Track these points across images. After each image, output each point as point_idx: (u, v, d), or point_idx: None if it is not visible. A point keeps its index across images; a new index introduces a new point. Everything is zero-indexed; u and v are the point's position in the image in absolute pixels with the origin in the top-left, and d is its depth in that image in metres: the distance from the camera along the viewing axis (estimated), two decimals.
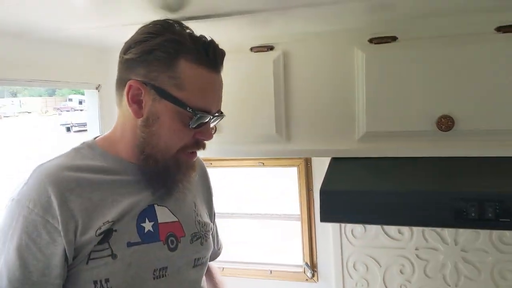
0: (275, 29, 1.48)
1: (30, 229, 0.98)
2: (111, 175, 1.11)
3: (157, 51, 1.05)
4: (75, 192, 1.02)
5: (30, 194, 1.00)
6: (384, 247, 1.93)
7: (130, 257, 1.05)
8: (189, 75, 1.06)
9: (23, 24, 1.25)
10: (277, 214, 2.30)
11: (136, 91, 1.07)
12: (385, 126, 1.46)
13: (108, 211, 1.06)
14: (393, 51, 1.44)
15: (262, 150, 1.61)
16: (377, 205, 1.32)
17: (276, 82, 1.55)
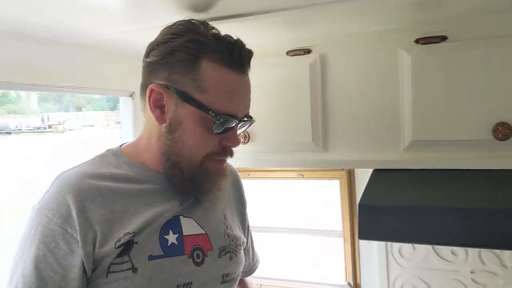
0: (313, 30, 1.38)
1: (48, 239, 0.94)
2: (135, 184, 1.05)
3: (178, 52, 0.99)
4: (96, 202, 0.98)
5: (50, 203, 0.97)
6: (436, 269, 1.76)
7: (151, 271, 0.99)
8: (211, 77, 0.99)
9: (57, 30, 1.23)
10: (317, 229, 2.18)
11: (158, 95, 1.02)
12: (433, 135, 1.33)
13: (130, 222, 1.00)
14: (442, 52, 1.31)
15: (297, 160, 1.51)
16: (423, 223, 1.18)
17: (313, 87, 1.45)
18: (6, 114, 34.76)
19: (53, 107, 39.84)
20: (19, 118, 34.53)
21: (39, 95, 41.69)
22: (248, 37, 1.36)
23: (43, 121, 34.11)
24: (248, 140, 1.51)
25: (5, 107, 35.05)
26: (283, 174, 1.97)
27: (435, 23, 1.29)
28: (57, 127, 32.44)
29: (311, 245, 6.76)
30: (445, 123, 1.31)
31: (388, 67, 1.37)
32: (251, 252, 1.40)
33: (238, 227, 1.28)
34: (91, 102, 46.18)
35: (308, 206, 9.35)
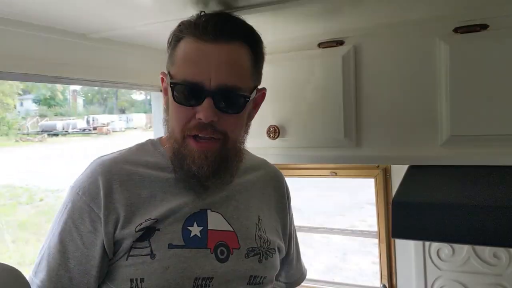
0: (346, 21, 1.34)
1: (76, 215, 1.01)
2: (167, 172, 1.08)
3: (171, 40, 1.06)
4: (124, 185, 1.03)
5: (82, 182, 1.04)
6: (477, 273, 1.67)
7: (169, 259, 0.99)
8: (182, 50, 1.03)
9: (88, 23, 1.25)
10: (350, 229, 2.12)
11: (162, 81, 1.10)
12: (472, 129, 1.25)
13: (154, 209, 1.03)
14: (483, 42, 1.23)
15: (329, 156, 1.45)
16: (461, 221, 1.10)
17: (346, 80, 1.39)
18: (53, 116, 36.05)
19: (98, 109, 41.07)
20: (65, 120, 35.74)
21: (84, 97, 43.02)
22: (279, 29, 1.33)
23: (88, 123, 35.19)
24: (278, 135, 1.47)
25: (52, 110, 36.37)
26: (316, 172, 1.92)
27: (475, 10, 1.22)
28: (102, 129, 33.38)
29: (346, 245, 6.68)
30: (486, 117, 1.23)
31: (424, 58, 1.30)
32: (295, 263, 1.36)
33: (277, 232, 1.23)
34: (134, 104, 47.34)
35: (346, 205, 9.25)
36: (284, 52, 1.47)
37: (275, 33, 1.43)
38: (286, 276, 1.33)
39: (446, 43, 1.26)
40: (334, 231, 2.30)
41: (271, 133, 1.47)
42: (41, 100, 35.55)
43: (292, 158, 1.52)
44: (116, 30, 1.31)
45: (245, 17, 1.07)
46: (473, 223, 1.09)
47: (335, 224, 7.95)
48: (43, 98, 35.37)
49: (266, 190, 1.23)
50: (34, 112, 34.92)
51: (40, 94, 34.45)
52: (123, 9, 1.14)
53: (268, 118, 1.48)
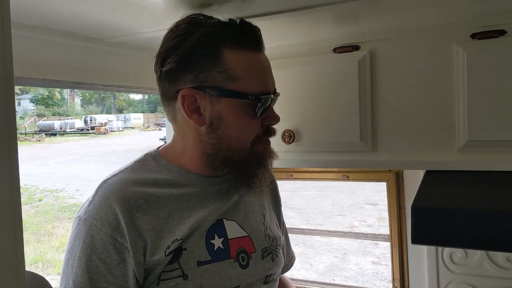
0: (362, 25, 1.34)
1: (99, 250, 0.93)
2: (177, 188, 1.04)
3: (196, 51, 0.97)
4: (142, 209, 0.97)
5: (97, 213, 0.96)
6: (490, 277, 1.67)
7: (201, 277, 0.98)
8: (238, 63, 0.98)
9: (101, 28, 1.23)
10: (363, 233, 2.11)
11: (191, 99, 1.00)
12: (490, 135, 1.25)
13: (176, 228, 0.99)
14: (500, 47, 1.23)
15: (345, 161, 1.45)
16: (482, 227, 1.11)
17: (362, 85, 1.39)
18: (51, 115, 36.02)
19: (96, 109, 41.09)
20: (63, 120, 35.70)
21: (82, 97, 43.02)
22: (294, 34, 1.33)
23: (86, 123, 35.17)
24: (293, 140, 1.47)
25: (50, 109, 36.35)
26: (328, 176, 1.92)
27: (493, 16, 1.22)
28: (100, 128, 33.38)
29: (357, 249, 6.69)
30: (503, 123, 1.23)
31: (441, 63, 1.30)
32: (286, 249, 1.38)
33: (277, 225, 1.27)
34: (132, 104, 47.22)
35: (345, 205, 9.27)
36: (300, 57, 1.46)
37: (290, 37, 1.43)
38: None
39: (464, 49, 1.26)
40: (349, 235, 2.30)
41: (286, 137, 1.47)
42: (38, 100, 35.44)
43: (307, 162, 1.52)
44: (131, 35, 1.31)
45: (260, 23, 1.06)
46: (494, 229, 1.09)
47: (334, 224, 7.98)
48: (40, 98, 35.29)
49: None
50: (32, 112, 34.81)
51: (37, 93, 34.36)
52: (138, 15, 1.13)
53: (283, 122, 1.46)
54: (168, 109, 1.08)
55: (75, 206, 10.52)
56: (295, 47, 1.47)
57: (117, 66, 1.41)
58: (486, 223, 1.09)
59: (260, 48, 1.04)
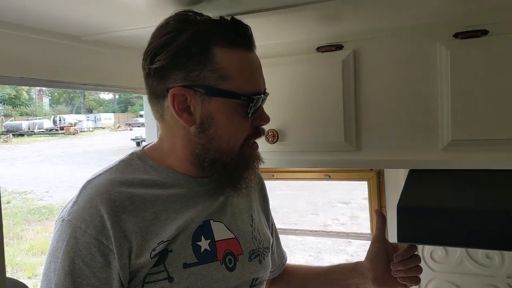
0: (345, 25, 1.33)
1: (84, 252, 0.90)
2: (165, 188, 1.01)
3: (188, 49, 0.95)
4: (128, 211, 0.94)
5: (81, 214, 0.93)
6: (470, 274, 1.69)
7: (187, 280, 0.95)
8: (230, 62, 0.96)
9: (77, 26, 1.19)
10: (344, 232, 2.12)
11: (181, 98, 0.97)
12: (474, 134, 1.26)
13: (162, 230, 0.96)
14: (483, 47, 1.24)
15: (330, 160, 1.44)
16: (468, 225, 1.11)
17: (346, 84, 1.38)
18: (19, 116, 35.19)
19: (65, 109, 40.34)
20: (31, 120, 34.92)
21: (51, 97, 42.12)
22: (278, 33, 1.31)
23: (55, 123, 34.50)
24: (276, 140, 1.45)
25: (18, 109, 35.49)
26: (309, 175, 1.92)
27: (476, 16, 1.23)
28: (69, 129, 32.80)
29: (317, 244, 6.75)
30: (487, 121, 1.24)
31: (425, 62, 1.30)
32: (277, 250, 1.37)
33: (265, 226, 1.25)
34: (102, 104, 46.55)
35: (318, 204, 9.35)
36: (283, 56, 1.45)
37: (274, 37, 1.42)
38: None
39: (447, 48, 1.27)
40: (330, 234, 2.31)
41: (269, 137, 1.46)
42: (5, 100, 34.57)
43: (291, 162, 1.51)
44: (110, 33, 1.27)
45: (245, 21, 1.04)
46: (479, 227, 1.10)
47: (309, 223, 8.04)
48: (8, 98, 34.42)
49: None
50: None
51: (4, 93, 33.53)
52: (117, 12, 1.10)
53: None
54: (155, 108, 1.05)
55: (44, 208, 10.31)
56: (278, 46, 1.46)
57: (96, 64, 1.37)
58: (471, 221, 1.10)
59: (251, 47, 1.02)
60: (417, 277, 1.22)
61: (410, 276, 1.21)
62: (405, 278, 1.22)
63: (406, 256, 1.21)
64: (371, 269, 1.26)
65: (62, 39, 1.23)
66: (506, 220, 1.08)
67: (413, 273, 1.21)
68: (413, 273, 1.21)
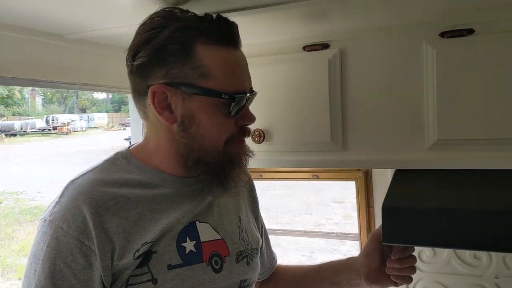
0: (331, 24, 1.32)
1: (65, 253, 0.88)
2: (150, 189, 1.00)
3: (169, 45, 0.93)
4: (111, 211, 0.92)
5: (64, 214, 0.91)
6: (457, 274, 1.69)
7: (171, 282, 0.94)
8: (212, 60, 0.94)
9: (61, 24, 1.17)
10: (333, 232, 2.11)
11: (162, 95, 0.95)
12: (460, 133, 1.25)
13: (146, 231, 0.94)
14: (469, 46, 1.23)
15: (316, 160, 1.43)
16: (453, 226, 1.10)
17: (332, 84, 1.37)
18: (11, 115, 34.97)
19: (58, 109, 40.15)
20: (24, 120, 34.72)
21: (43, 97, 41.93)
22: (263, 32, 1.30)
23: (48, 123, 34.32)
24: (263, 140, 1.44)
25: (10, 109, 35.29)
26: (297, 175, 1.91)
27: (462, 15, 1.22)
28: (62, 128, 32.63)
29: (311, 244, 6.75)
30: (473, 121, 1.23)
31: (411, 62, 1.29)
32: (267, 251, 1.35)
33: (254, 227, 1.23)
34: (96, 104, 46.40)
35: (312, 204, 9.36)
36: (269, 55, 1.44)
37: (260, 35, 1.40)
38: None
39: (433, 47, 1.26)
40: (319, 234, 2.30)
41: (256, 137, 1.44)
42: None
43: (278, 162, 1.50)
44: (93, 31, 1.25)
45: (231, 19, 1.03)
46: (464, 227, 1.09)
47: (302, 223, 8.03)
48: (0, 97, 34.20)
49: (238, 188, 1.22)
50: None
51: None
52: (101, 10, 1.08)
53: None
54: (139, 105, 1.03)
55: (36, 209, 10.24)
56: (264, 45, 1.44)
57: (79, 63, 1.35)
58: (456, 221, 1.10)
59: (236, 45, 1.00)
60: (410, 276, 1.24)
61: (404, 275, 1.23)
62: (399, 276, 1.23)
63: (403, 256, 1.22)
64: (365, 265, 1.26)
65: (44, 38, 1.21)
66: (492, 221, 1.08)
67: (407, 273, 1.23)
68: (407, 272, 1.23)
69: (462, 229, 1.09)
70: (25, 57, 1.18)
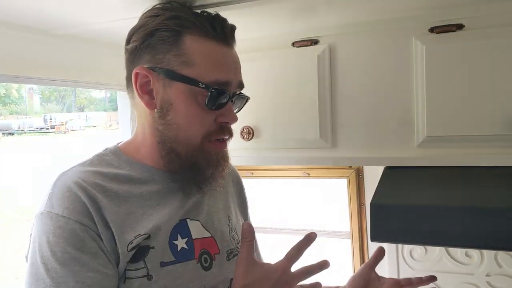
0: (320, 19, 1.31)
1: (73, 240, 0.85)
2: (139, 185, 0.98)
3: (159, 32, 0.94)
4: (103, 201, 0.90)
5: (61, 203, 0.87)
6: (449, 272, 1.68)
7: (164, 279, 0.92)
8: (196, 49, 0.94)
9: (49, 19, 1.15)
10: (324, 230, 2.10)
11: (144, 78, 0.95)
12: (449, 130, 1.24)
13: (138, 224, 0.93)
14: (458, 42, 1.22)
15: (305, 158, 1.42)
16: (440, 223, 1.09)
17: (321, 80, 1.36)
18: (9, 114, 34.89)
19: (56, 107, 40.06)
20: (21, 119, 34.66)
21: (41, 95, 41.89)
22: (253, 27, 1.29)
23: (45, 121, 34.26)
24: (252, 137, 1.43)
25: (7, 108, 35.21)
26: (288, 173, 1.90)
27: (451, 10, 1.21)
28: (60, 127, 32.57)
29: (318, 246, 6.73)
30: (462, 118, 1.22)
31: (401, 58, 1.28)
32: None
33: None
34: (94, 102, 46.42)
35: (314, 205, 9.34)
36: (258, 51, 1.43)
37: (248, 31, 1.39)
38: None
39: (422, 43, 1.25)
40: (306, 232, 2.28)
41: (245, 134, 1.43)
42: None
43: (267, 159, 1.48)
44: (80, 27, 1.24)
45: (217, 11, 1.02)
46: (452, 225, 1.08)
47: (297, 222, 8.01)
48: None
49: (227, 188, 1.20)
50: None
51: None
52: (88, 5, 1.07)
53: (242, 119, 1.43)
54: (129, 93, 1.03)
55: (33, 207, 10.21)
56: (253, 41, 1.43)
57: (66, 59, 1.33)
58: (444, 219, 1.08)
59: (228, 43, 0.99)
60: None
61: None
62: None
63: None
64: (350, 286, 1.28)
65: (28, 33, 1.20)
66: (480, 218, 1.06)
67: None
68: None
69: (451, 226, 1.08)
70: (9, 53, 1.16)
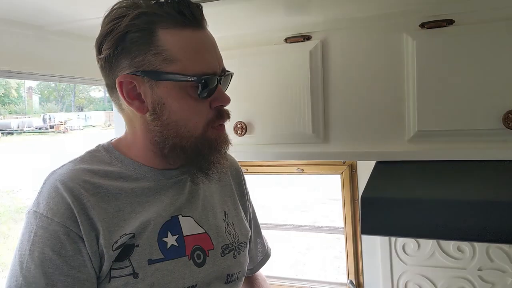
0: (313, 15, 1.32)
1: (53, 241, 0.87)
2: (130, 181, 0.99)
3: (129, 34, 0.91)
4: (91, 200, 0.91)
5: (47, 203, 0.90)
6: (441, 267, 1.69)
7: (152, 276, 0.92)
8: (174, 43, 0.92)
9: (40, 14, 1.16)
10: (318, 226, 2.11)
11: (129, 85, 0.94)
12: (439, 124, 1.25)
13: (126, 223, 0.94)
14: (449, 37, 1.23)
15: (298, 153, 1.43)
16: (430, 216, 1.10)
17: (313, 75, 1.37)
18: (8, 114, 34.85)
19: (55, 107, 40.04)
20: (21, 118, 34.61)
21: (40, 95, 41.78)
22: (244, 23, 1.29)
23: (44, 121, 34.22)
24: (245, 132, 1.44)
25: (6, 107, 35.16)
26: (283, 169, 1.90)
27: (441, 5, 1.22)
28: (59, 127, 32.53)
29: (312, 242, 6.74)
30: (453, 112, 1.23)
31: (392, 53, 1.29)
32: (258, 246, 1.34)
33: (243, 220, 1.21)
34: (93, 102, 46.30)
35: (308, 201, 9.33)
36: (251, 47, 1.43)
37: (241, 27, 1.40)
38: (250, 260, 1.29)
39: (413, 38, 1.26)
40: (302, 228, 2.29)
41: (238, 129, 1.44)
42: None
43: (260, 155, 1.49)
44: (74, 23, 1.25)
45: (211, 9, 1.02)
46: (440, 218, 1.09)
47: (298, 220, 8.02)
48: None
49: (225, 181, 1.20)
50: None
51: None
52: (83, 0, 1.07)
53: (235, 114, 1.43)
54: (113, 99, 1.02)
55: None
56: (246, 37, 1.44)
57: (59, 55, 1.35)
58: (434, 212, 1.09)
59: (200, 26, 0.97)
60: None
61: None
62: None
63: None
64: None
65: (20, 29, 1.21)
66: (471, 211, 1.07)
67: None
68: None
69: (441, 219, 1.09)
70: (3, 48, 1.17)
